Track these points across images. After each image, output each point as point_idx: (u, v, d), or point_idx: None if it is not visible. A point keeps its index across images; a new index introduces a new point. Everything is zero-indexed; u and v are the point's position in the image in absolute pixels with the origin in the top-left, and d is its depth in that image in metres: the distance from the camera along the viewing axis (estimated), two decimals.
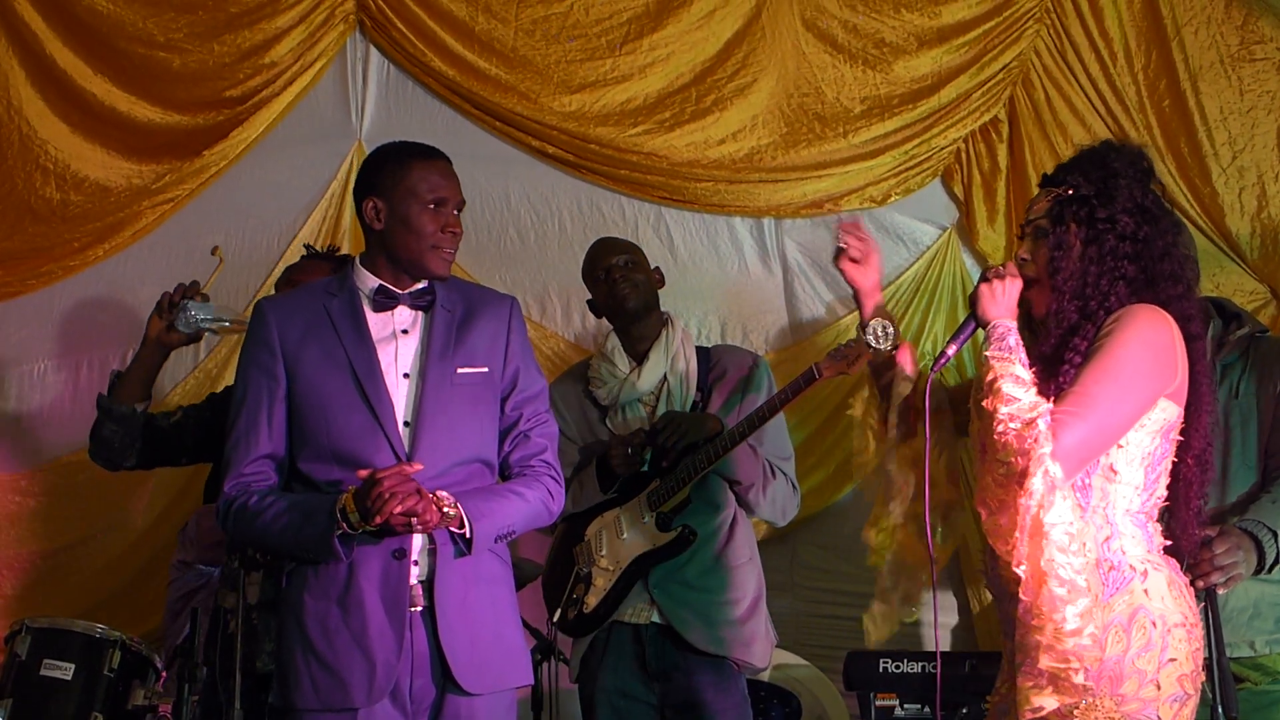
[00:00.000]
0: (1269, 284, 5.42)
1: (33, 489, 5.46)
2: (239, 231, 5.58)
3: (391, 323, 3.46)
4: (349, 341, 3.41)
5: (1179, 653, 2.92)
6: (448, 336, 3.45)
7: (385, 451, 3.33)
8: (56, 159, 5.52)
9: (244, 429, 3.41)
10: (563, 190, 5.68)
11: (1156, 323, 2.99)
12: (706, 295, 5.64)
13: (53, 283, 5.54)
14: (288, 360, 3.41)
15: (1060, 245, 3.07)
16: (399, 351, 3.43)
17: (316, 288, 3.57)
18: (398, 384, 3.40)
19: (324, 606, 3.31)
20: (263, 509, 3.34)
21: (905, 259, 5.65)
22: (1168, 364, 2.99)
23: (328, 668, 3.29)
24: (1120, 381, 2.93)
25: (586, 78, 5.64)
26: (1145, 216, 3.06)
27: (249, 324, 3.52)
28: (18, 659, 4.20)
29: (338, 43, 5.61)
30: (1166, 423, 3.01)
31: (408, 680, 3.29)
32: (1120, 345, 2.95)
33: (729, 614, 4.31)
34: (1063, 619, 2.83)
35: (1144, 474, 3.00)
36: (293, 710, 3.32)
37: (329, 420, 3.37)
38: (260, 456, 3.40)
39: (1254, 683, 3.71)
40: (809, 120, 5.65)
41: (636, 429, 4.38)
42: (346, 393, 3.37)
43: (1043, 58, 5.65)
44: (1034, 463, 2.84)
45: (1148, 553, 2.97)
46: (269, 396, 3.41)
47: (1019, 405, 2.90)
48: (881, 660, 4.65)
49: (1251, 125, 5.50)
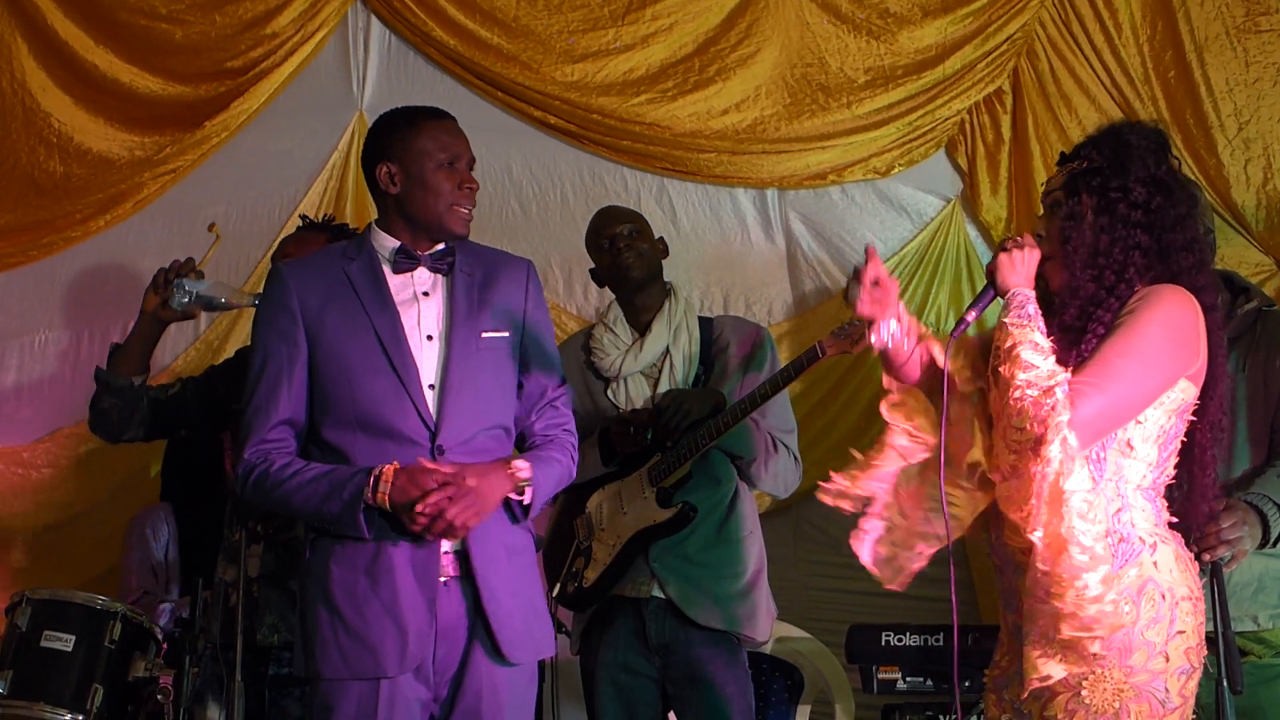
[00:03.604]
0: (1275, 256, 5.40)
1: (34, 461, 5.46)
2: (240, 202, 5.57)
3: (412, 285, 3.44)
4: (371, 305, 3.38)
5: (1186, 625, 2.93)
6: (470, 299, 3.44)
7: (411, 416, 3.32)
8: (60, 132, 5.52)
9: (264, 395, 3.38)
10: (565, 161, 5.67)
11: (1183, 303, 2.98)
12: (709, 267, 5.63)
13: (54, 253, 5.54)
14: (309, 325, 3.39)
15: (1072, 215, 3.06)
16: (421, 314, 3.41)
17: (334, 251, 3.55)
18: (421, 347, 3.38)
19: (352, 576, 3.29)
20: (286, 476, 3.32)
21: (909, 230, 5.63)
22: (1191, 345, 2.98)
23: (358, 637, 3.27)
24: (1143, 357, 2.92)
25: (589, 47, 5.61)
26: (1158, 187, 3.04)
27: (266, 287, 3.49)
28: (18, 630, 4.20)
29: (338, 13, 5.59)
30: (1184, 403, 3.00)
31: (431, 650, 3.29)
32: (1146, 322, 2.94)
33: (730, 588, 4.30)
34: (1085, 585, 2.82)
35: (1157, 451, 2.99)
36: (319, 680, 3.31)
37: (353, 385, 3.35)
38: (280, 422, 3.38)
39: (1258, 656, 3.71)
40: (812, 91, 5.63)
41: (640, 408, 4.37)
42: (371, 356, 3.35)
43: (1047, 29, 5.62)
44: (1051, 430, 2.83)
45: (1155, 526, 2.96)
46: (289, 362, 3.38)
47: (1037, 372, 2.88)
48: (884, 633, 4.65)
49: (1258, 97, 5.47)
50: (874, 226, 5.63)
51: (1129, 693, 2.89)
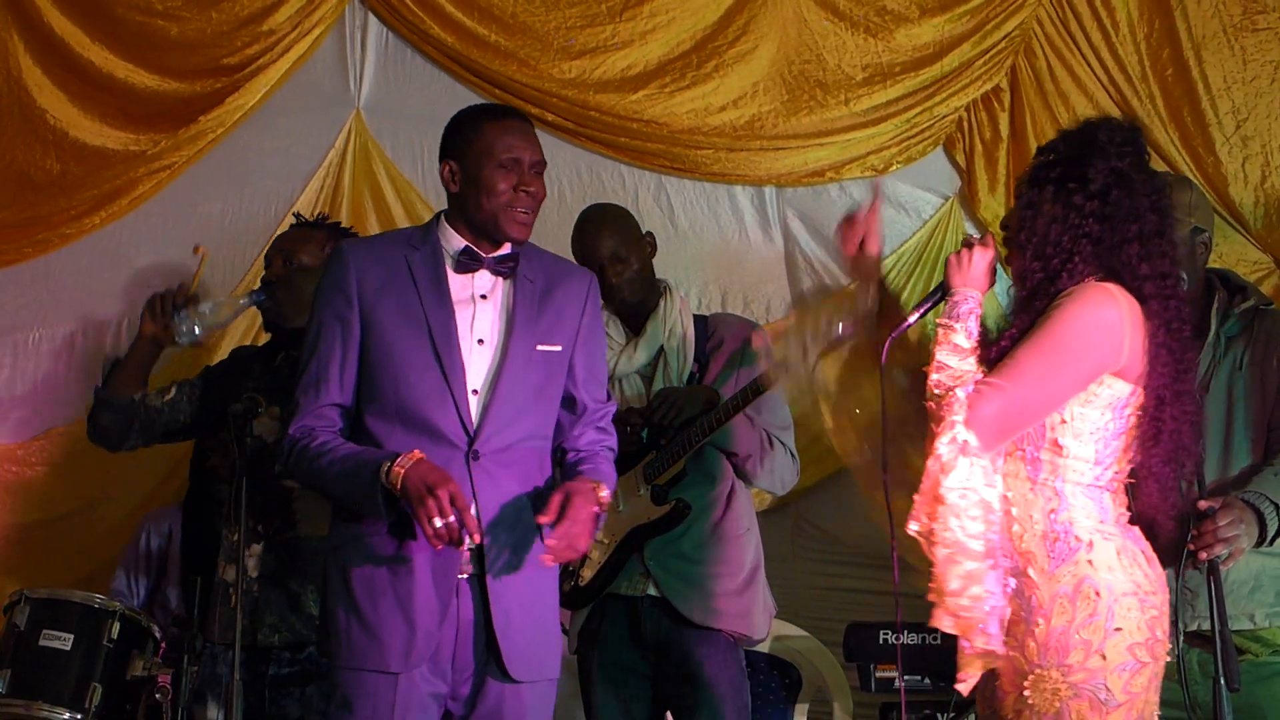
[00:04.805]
0: (1272, 254, 5.40)
1: (29, 459, 5.46)
2: (237, 199, 5.57)
3: (471, 286, 3.42)
4: (428, 299, 3.37)
5: (1127, 622, 2.95)
6: (530, 309, 3.42)
7: (452, 417, 3.31)
8: (55, 128, 5.51)
9: (315, 375, 3.39)
10: (562, 158, 5.64)
11: (1102, 300, 3.01)
12: (707, 264, 5.62)
13: (49, 251, 5.53)
14: (364, 309, 3.37)
15: (1030, 204, 3.12)
16: (476, 316, 3.40)
17: (399, 237, 3.57)
18: (471, 350, 3.37)
19: (373, 567, 3.30)
20: (322, 453, 3.32)
21: (908, 228, 5.63)
22: (1111, 343, 3.01)
23: (368, 628, 3.28)
24: (1051, 357, 2.97)
25: (586, 44, 5.60)
26: (1118, 179, 3.07)
27: (328, 265, 3.48)
28: (16, 629, 4.20)
29: (336, 10, 5.57)
30: (1116, 398, 3.03)
31: (451, 649, 3.29)
32: (1059, 321, 2.99)
33: (725, 586, 4.29)
34: (944, 577, 2.91)
35: (1094, 448, 3.03)
36: (335, 667, 3.33)
37: (399, 378, 3.34)
38: (328, 404, 3.38)
39: (1255, 655, 3.71)
40: (810, 87, 5.62)
41: (631, 407, 4.36)
42: (421, 352, 3.33)
43: (1045, 26, 5.62)
44: (944, 427, 2.93)
45: (1099, 523, 3.01)
46: (343, 345, 3.38)
47: (950, 372, 2.98)
48: (882, 631, 4.65)
49: (1255, 95, 5.47)
50: None
51: (1067, 691, 2.93)
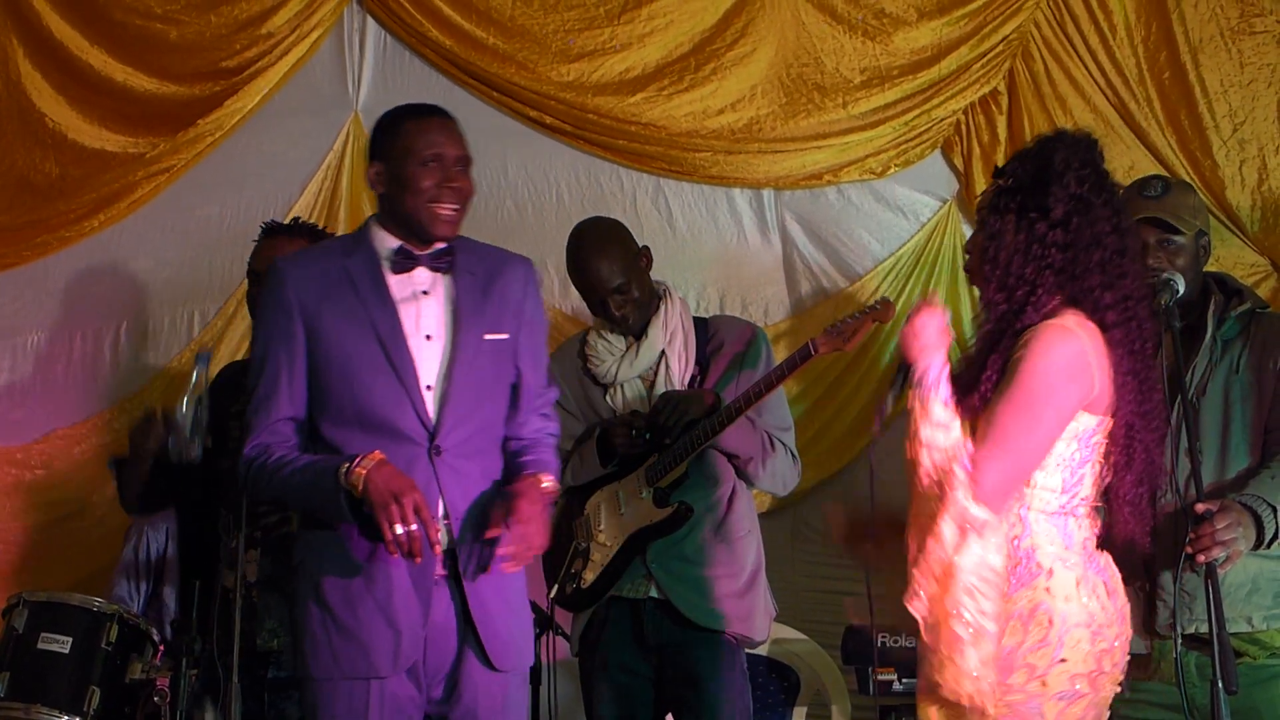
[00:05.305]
0: (1269, 257, 5.39)
1: (28, 461, 5.47)
2: (235, 202, 5.58)
3: (411, 284, 3.40)
4: (370, 303, 3.36)
5: (1074, 653, 2.97)
6: (475, 300, 3.41)
7: (410, 415, 3.31)
8: (54, 132, 5.54)
9: (264, 394, 3.37)
10: (560, 161, 5.66)
11: (1063, 340, 3.01)
12: (705, 267, 5.62)
13: (48, 254, 5.55)
14: (307, 321, 3.36)
15: (994, 234, 3.12)
16: (421, 313, 3.38)
17: (333, 247, 3.54)
18: (420, 346, 3.35)
19: (345, 574, 3.29)
20: (281, 466, 3.31)
21: (905, 231, 5.62)
22: (1081, 379, 3.01)
23: (351, 636, 3.26)
24: (1030, 412, 2.97)
25: (585, 47, 5.61)
26: (1078, 205, 3.07)
27: (265, 283, 3.47)
28: (15, 632, 4.20)
29: (334, 13, 5.59)
30: (1081, 430, 3.04)
31: (422, 651, 3.28)
32: (1029, 373, 2.98)
33: (726, 588, 4.30)
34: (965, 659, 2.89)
35: (1061, 478, 3.04)
36: (309, 680, 3.31)
37: (352, 382, 3.33)
38: (281, 419, 3.36)
39: (1252, 658, 3.70)
40: (808, 90, 5.62)
41: (635, 410, 4.36)
42: (370, 355, 3.32)
43: (1042, 30, 5.61)
44: (948, 506, 2.91)
45: (1064, 549, 3.02)
46: (289, 360, 3.36)
47: (939, 451, 2.96)
48: (880, 634, 4.65)
49: (1252, 98, 5.46)
50: (870, 227, 5.63)
51: (1003, 709, 2.95)
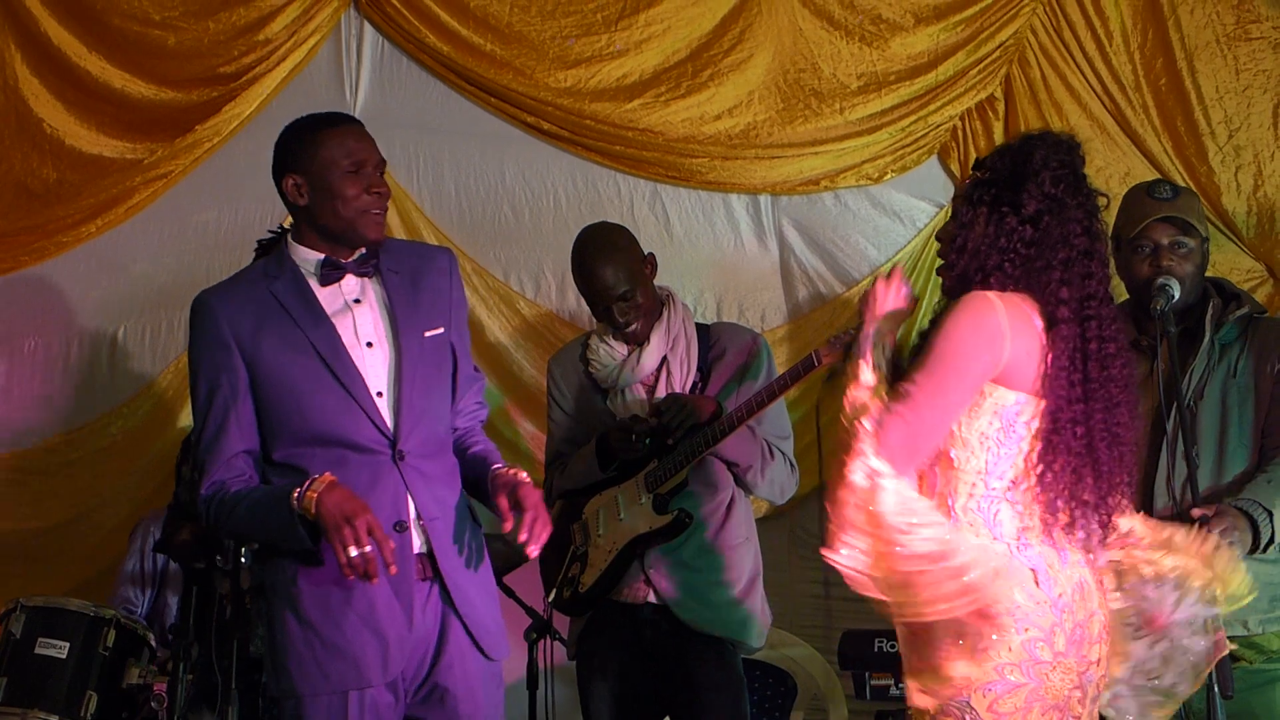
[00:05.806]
0: (1265, 262, 5.41)
1: (26, 467, 5.46)
2: (233, 208, 5.57)
3: (341, 294, 3.39)
4: (304, 321, 3.34)
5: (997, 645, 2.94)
6: (407, 299, 3.42)
7: (366, 425, 3.30)
8: (52, 137, 5.53)
9: (214, 431, 3.33)
10: (558, 167, 5.66)
11: (979, 309, 3.02)
12: (702, 273, 5.63)
13: (45, 259, 5.54)
14: (245, 351, 3.32)
15: (965, 224, 3.14)
16: (357, 322, 3.37)
17: (254, 274, 3.49)
18: (364, 356, 3.34)
19: (322, 588, 3.26)
20: (238, 501, 3.28)
21: (902, 236, 5.63)
22: (991, 349, 3.00)
23: (337, 650, 3.24)
24: (937, 374, 3.00)
25: (582, 53, 5.61)
26: (1051, 204, 3.07)
27: (194, 320, 3.41)
28: (12, 638, 4.21)
29: (332, 19, 5.59)
30: (1001, 406, 3.03)
31: (408, 656, 3.28)
32: (940, 339, 3.02)
33: (725, 594, 4.31)
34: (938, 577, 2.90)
35: (985, 458, 3.03)
36: (294, 695, 3.28)
37: (302, 404, 3.30)
38: (233, 455, 3.32)
39: (1249, 662, 3.72)
40: (805, 96, 5.63)
41: (635, 414, 4.35)
42: (314, 373, 3.30)
43: (1039, 36, 5.62)
44: (854, 458, 2.96)
45: (991, 540, 2.99)
46: (231, 392, 3.32)
47: (853, 407, 3.03)
48: (876, 639, 4.66)
49: (1248, 104, 5.48)
50: (867, 233, 5.64)
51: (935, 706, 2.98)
